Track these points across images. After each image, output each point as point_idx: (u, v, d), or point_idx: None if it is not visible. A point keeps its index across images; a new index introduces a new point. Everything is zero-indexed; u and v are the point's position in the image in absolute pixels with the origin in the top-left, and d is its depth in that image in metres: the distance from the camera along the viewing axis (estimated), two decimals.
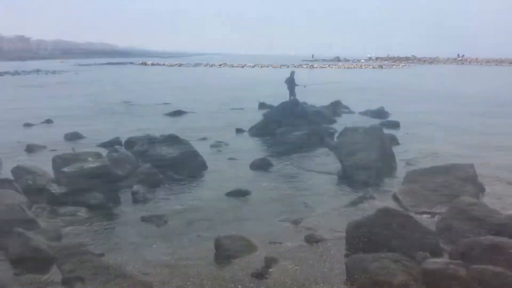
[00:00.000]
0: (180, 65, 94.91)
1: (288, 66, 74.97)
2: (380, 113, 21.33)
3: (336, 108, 22.40)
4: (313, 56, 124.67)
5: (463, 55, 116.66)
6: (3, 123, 19.94)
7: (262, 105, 24.62)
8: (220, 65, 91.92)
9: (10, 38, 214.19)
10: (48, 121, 20.18)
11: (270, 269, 6.28)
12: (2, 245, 7.06)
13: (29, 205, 8.87)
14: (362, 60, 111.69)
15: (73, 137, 16.30)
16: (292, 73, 22.86)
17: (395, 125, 18.64)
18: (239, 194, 9.75)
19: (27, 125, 19.35)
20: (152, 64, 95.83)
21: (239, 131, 17.78)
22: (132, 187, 9.82)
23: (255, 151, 14.30)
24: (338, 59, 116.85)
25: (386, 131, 14.14)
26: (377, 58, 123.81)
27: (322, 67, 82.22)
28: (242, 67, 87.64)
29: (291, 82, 22.93)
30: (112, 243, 7.35)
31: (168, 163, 11.58)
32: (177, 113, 22.80)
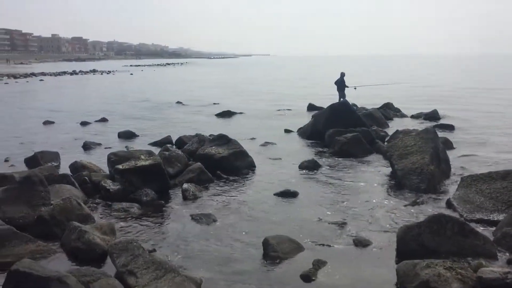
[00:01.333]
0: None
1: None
2: (433, 116, 20.67)
3: (388, 110, 21.92)
4: None
5: None
6: (61, 120, 20.87)
7: (311, 107, 24.50)
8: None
9: (69, 40, 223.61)
10: (103, 120, 20.93)
11: (318, 271, 6.22)
12: (59, 237, 7.39)
13: (84, 200, 9.23)
14: None
15: (127, 135, 16.82)
16: (342, 74, 22.59)
17: (450, 128, 18.02)
18: (287, 194, 9.72)
19: (84, 123, 20.16)
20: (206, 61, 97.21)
21: (287, 131, 17.77)
22: (182, 185, 10.01)
23: (303, 152, 14.23)
24: None
25: (440, 134, 13.68)
26: None
27: None
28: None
29: (341, 84, 22.67)
30: (163, 239, 7.51)
31: (217, 162, 11.72)
32: (227, 113, 23.05)
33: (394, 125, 18.30)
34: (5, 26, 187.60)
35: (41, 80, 54.17)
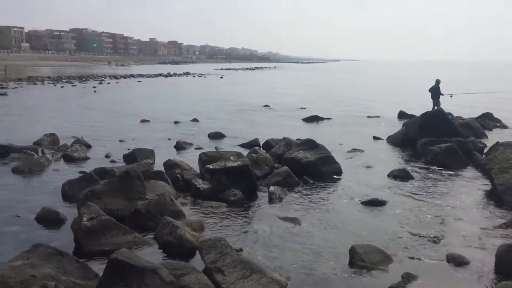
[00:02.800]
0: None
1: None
2: None
3: (487, 120, 20.56)
4: None
5: None
6: (156, 119, 22.00)
7: (402, 114, 23.69)
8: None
9: (165, 43, 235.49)
10: (195, 120, 21.76)
11: (408, 285, 5.97)
12: (153, 230, 7.79)
13: (176, 196, 9.65)
14: None
15: (216, 136, 17.35)
16: (437, 81, 21.59)
17: None
18: (375, 203, 9.45)
19: (176, 122, 21.11)
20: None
21: (376, 139, 17.30)
22: (269, 188, 10.12)
23: (393, 161, 13.77)
24: None
25: None
26: None
27: None
28: None
29: (436, 91, 21.67)
30: (249, 239, 7.64)
31: (304, 166, 11.70)
32: (314, 118, 22.97)
33: (494, 137, 17.12)
34: (109, 31, 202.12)
35: (139, 81, 57.54)
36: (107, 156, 13.49)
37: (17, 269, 5.30)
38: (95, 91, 38.66)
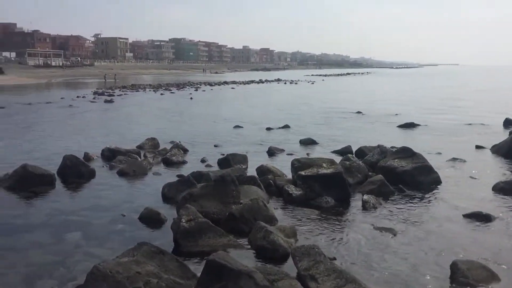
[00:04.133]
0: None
1: None
2: None
3: None
4: None
5: None
6: (248, 125, 22.47)
7: (508, 122, 22.02)
8: None
9: (257, 50, 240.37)
10: (286, 126, 21.90)
11: None
12: (246, 234, 7.94)
13: (268, 201, 9.77)
14: None
15: (307, 142, 17.30)
16: None
17: None
18: (479, 217, 8.82)
19: (268, 129, 21.39)
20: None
21: (479, 148, 16.21)
22: (363, 196, 9.89)
23: (498, 172, 12.80)
24: None
25: None
26: None
27: None
28: None
29: None
30: (342, 248, 7.52)
31: (400, 175, 11.28)
32: (409, 125, 22.09)
33: None
34: (205, 39, 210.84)
35: (232, 88, 59.24)
36: (202, 161, 14.00)
37: (124, 265, 5.68)
38: (191, 98, 40.41)
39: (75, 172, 11.78)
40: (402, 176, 11.29)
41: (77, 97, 38.60)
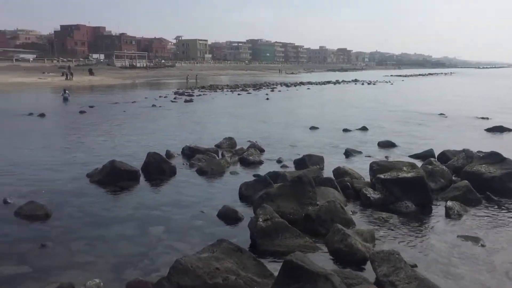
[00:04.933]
0: None
1: None
2: None
3: None
4: None
5: None
6: (325, 126, 22.23)
7: None
8: None
9: (334, 51, 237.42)
10: (364, 128, 21.43)
11: None
12: (322, 236, 7.87)
13: (345, 204, 9.61)
14: None
15: (386, 145, 16.81)
16: None
17: None
18: None
19: (345, 130, 21.04)
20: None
21: None
22: (446, 202, 9.44)
23: None
24: None
25: None
26: None
27: None
28: None
29: None
30: (424, 255, 7.22)
31: (487, 182, 10.64)
32: (498, 128, 20.78)
33: None
34: (281, 40, 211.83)
35: (308, 88, 58.97)
36: (278, 161, 14.06)
37: (204, 260, 5.85)
38: (267, 98, 40.72)
39: (158, 169, 12.31)
40: (490, 182, 10.64)
41: (159, 97, 40.26)
